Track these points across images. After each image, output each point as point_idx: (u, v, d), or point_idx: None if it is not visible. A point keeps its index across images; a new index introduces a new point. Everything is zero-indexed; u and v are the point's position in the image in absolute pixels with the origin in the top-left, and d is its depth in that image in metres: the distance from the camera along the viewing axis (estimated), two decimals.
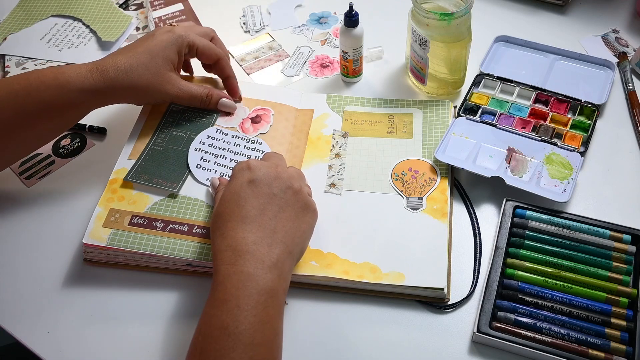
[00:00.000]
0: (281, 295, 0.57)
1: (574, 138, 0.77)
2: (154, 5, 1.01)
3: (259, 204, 0.60)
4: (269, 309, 0.54)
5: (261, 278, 0.55)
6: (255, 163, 0.64)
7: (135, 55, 0.71)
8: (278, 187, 0.61)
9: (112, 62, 0.71)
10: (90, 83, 0.69)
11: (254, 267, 0.55)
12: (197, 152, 0.75)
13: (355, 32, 0.80)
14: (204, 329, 0.54)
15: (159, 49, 0.72)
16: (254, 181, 0.61)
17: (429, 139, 0.77)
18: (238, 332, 0.52)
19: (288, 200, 0.61)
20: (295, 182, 0.63)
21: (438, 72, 0.80)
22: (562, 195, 0.70)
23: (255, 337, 0.52)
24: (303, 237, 0.62)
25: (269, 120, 0.79)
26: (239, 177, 0.63)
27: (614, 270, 0.64)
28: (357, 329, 0.63)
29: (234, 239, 0.58)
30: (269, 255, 0.57)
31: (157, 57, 0.72)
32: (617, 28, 0.93)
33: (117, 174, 0.73)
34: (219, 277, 0.56)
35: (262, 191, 0.61)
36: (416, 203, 0.71)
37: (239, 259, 0.56)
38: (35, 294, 0.67)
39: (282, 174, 0.63)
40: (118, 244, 0.67)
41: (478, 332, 0.61)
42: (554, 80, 0.84)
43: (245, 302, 0.53)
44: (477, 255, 0.68)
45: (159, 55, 0.72)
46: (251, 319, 0.53)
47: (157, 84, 0.73)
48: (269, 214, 0.60)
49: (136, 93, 0.74)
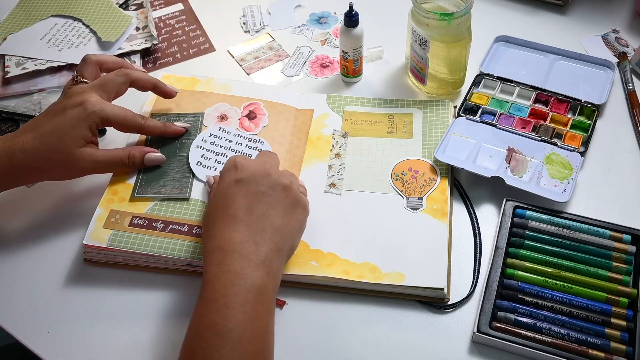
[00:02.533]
0: (270, 292, 0.57)
1: (574, 138, 0.77)
2: (154, 5, 1.01)
3: (247, 203, 0.60)
4: (258, 306, 0.55)
5: (249, 276, 0.55)
6: (242, 161, 0.64)
7: (43, 137, 0.66)
8: (266, 185, 0.61)
9: (20, 144, 0.66)
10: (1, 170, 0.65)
11: (242, 265, 0.56)
12: (199, 149, 0.75)
13: (355, 32, 0.80)
14: (194, 329, 0.54)
15: (68, 129, 0.66)
16: (241, 180, 0.62)
17: (429, 139, 0.77)
18: (227, 330, 0.52)
19: (277, 197, 0.61)
20: (285, 178, 0.63)
21: (438, 72, 0.80)
22: (562, 195, 0.70)
23: (244, 334, 0.53)
24: (293, 234, 0.62)
25: (262, 112, 0.79)
26: (227, 176, 0.63)
27: (614, 270, 0.64)
28: (357, 329, 0.63)
29: (221, 239, 0.58)
30: (256, 254, 0.57)
31: (65, 137, 0.66)
32: (617, 28, 0.93)
33: (118, 175, 0.73)
34: (208, 276, 0.56)
35: (249, 189, 0.61)
36: (416, 203, 0.71)
37: (227, 258, 0.56)
38: (35, 294, 0.67)
39: (270, 171, 0.63)
40: (118, 244, 0.67)
41: (478, 332, 0.61)
42: (554, 80, 0.84)
43: (233, 301, 0.54)
44: (477, 255, 0.68)
45: (68, 135, 0.66)
46: (239, 316, 0.53)
47: (68, 164, 0.68)
48: (257, 213, 0.60)
49: (49, 174, 0.69)
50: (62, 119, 0.67)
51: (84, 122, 0.67)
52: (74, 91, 0.69)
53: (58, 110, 0.68)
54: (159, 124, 0.75)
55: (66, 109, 0.67)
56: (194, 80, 0.84)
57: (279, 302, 0.65)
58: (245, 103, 0.81)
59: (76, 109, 0.67)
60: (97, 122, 0.68)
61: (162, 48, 0.94)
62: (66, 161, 0.67)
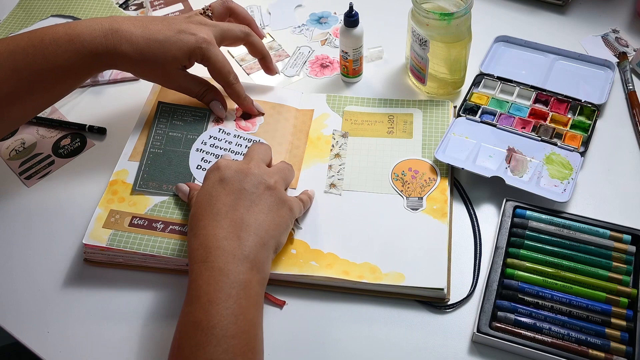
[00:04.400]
0: (255, 286, 0.57)
1: (574, 138, 0.77)
2: (154, 5, 1.01)
3: (230, 200, 0.61)
4: (242, 300, 0.55)
5: (232, 272, 0.56)
6: (225, 162, 0.64)
7: (151, 42, 0.71)
8: (249, 183, 0.62)
9: (127, 34, 0.70)
10: (103, 49, 0.69)
11: (225, 261, 0.56)
12: (199, 152, 0.75)
13: (355, 32, 0.80)
14: (180, 327, 0.55)
15: (174, 49, 0.72)
16: (225, 179, 0.62)
17: (429, 139, 0.77)
18: (211, 326, 0.53)
19: (260, 195, 0.62)
20: (269, 178, 0.64)
21: (438, 72, 0.80)
22: (562, 195, 0.70)
23: (228, 329, 0.53)
24: (278, 230, 0.62)
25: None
26: (211, 177, 0.64)
27: (614, 270, 0.64)
28: (357, 329, 0.63)
29: (205, 236, 0.58)
30: (240, 248, 0.57)
31: (169, 54, 0.72)
32: (617, 28, 0.93)
33: (118, 175, 0.73)
34: (193, 275, 0.57)
35: (232, 188, 0.62)
36: (416, 203, 0.71)
37: (210, 255, 0.57)
38: (35, 294, 0.67)
39: (253, 170, 0.63)
40: (118, 244, 0.67)
41: (478, 332, 0.61)
42: (554, 80, 0.84)
43: (216, 297, 0.54)
44: (477, 255, 0.69)
45: (172, 54, 0.72)
46: (223, 312, 0.53)
47: (159, 74, 0.75)
48: (240, 209, 0.60)
49: (139, 71, 0.74)
50: (174, 37, 0.72)
51: (188, 51, 0.72)
52: (197, 20, 0.75)
53: (175, 28, 0.73)
54: (242, 93, 0.78)
55: (182, 31, 0.72)
56: None
57: (279, 302, 0.65)
58: None
59: (189, 36, 0.72)
60: (199, 57, 0.73)
61: None
62: (159, 72, 0.74)
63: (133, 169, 0.74)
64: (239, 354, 0.53)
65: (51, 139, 0.82)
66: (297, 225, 0.69)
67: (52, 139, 0.82)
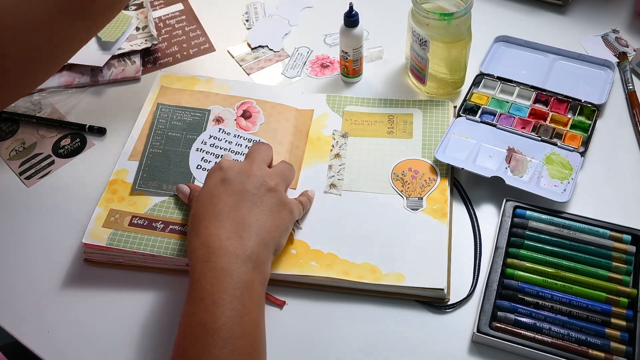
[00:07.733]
0: (258, 287, 0.57)
1: (574, 138, 0.77)
2: (154, 5, 1.01)
3: (232, 200, 0.61)
4: (246, 301, 0.55)
5: (235, 272, 0.56)
6: (228, 163, 0.64)
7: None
8: (251, 184, 0.62)
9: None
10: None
11: (227, 262, 0.56)
12: (199, 152, 0.75)
13: (355, 32, 0.80)
14: (184, 329, 0.55)
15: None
16: (227, 180, 0.62)
17: (429, 139, 0.77)
18: (216, 327, 0.52)
19: (262, 196, 0.62)
20: (271, 180, 0.64)
21: (438, 72, 0.80)
22: (562, 195, 0.70)
23: (234, 330, 0.53)
24: (279, 231, 0.62)
25: (257, 110, 0.80)
26: (213, 177, 0.64)
27: (614, 270, 0.64)
28: (357, 329, 0.63)
29: (207, 236, 0.58)
30: (242, 248, 0.57)
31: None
32: (617, 28, 0.93)
33: (117, 175, 0.73)
34: (195, 275, 0.57)
35: (235, 188, 0.62)
36: (416, 203, 0.71)
37: (212, 255, 0.57)
38: (35, 294, 0.67)
39: (255, 172, 0.64)
40: (118, 244, 0.67)
41: (478, 332, 0.61)
42: (554, 80, 0.84)
43: (221, 298, 0.54)
44: (477, 255, 0.68)
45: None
46: (228, 313, 0.53)
47: None
48: (242, 210, 0.60)
49: None
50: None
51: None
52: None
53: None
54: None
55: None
56: (194, 80, 0.84)
57: (279, 302, 0.65)
58: (237, 103, 0.81)
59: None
60: None
61: (162, 48, 0.94)
62: None
63: (133, 169, 0.74)
64: (245, 355, 0.53)
65: (51, 139, 0.82)
66: (297, 225, 0.69)
67: (52, 138, 0.82)
